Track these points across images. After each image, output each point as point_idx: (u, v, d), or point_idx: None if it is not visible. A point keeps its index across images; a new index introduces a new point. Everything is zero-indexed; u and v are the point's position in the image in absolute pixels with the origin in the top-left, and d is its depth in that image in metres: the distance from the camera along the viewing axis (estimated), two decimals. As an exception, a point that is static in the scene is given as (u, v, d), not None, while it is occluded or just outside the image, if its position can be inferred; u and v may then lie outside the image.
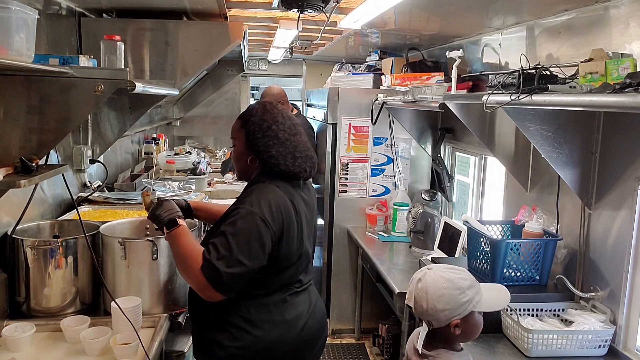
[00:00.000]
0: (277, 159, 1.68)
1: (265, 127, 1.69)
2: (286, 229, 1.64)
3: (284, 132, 1.70)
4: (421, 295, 1.44)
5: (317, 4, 2.53)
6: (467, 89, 2.88)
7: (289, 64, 6.20)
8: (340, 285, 3.82)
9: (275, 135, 1.69)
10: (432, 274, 1.46)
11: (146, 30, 2.84)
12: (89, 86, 1.54)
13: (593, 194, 2.03)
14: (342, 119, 3.65)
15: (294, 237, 1.67)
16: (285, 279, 1.71)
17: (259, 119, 1.70)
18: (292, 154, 1.70)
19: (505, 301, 1.52)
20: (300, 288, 1.77)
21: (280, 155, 1.68)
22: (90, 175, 2.93)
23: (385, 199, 3.70)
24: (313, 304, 1.80)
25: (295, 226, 1.68)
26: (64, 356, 1.67)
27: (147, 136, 4.74)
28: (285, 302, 1.70)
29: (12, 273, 1.86)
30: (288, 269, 1.70)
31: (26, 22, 1.30)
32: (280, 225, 1.62)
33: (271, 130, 1.69)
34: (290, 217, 1.66)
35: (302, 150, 1.74)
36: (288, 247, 1.66)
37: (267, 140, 1.68)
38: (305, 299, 1.78)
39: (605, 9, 1.96)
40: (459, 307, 1.41)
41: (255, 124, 1.70)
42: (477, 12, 2.49)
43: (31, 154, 1.50)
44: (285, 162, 1.69)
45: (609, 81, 1.53)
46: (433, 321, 1.44)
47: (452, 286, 1.42)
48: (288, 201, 1.67)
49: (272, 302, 1.68)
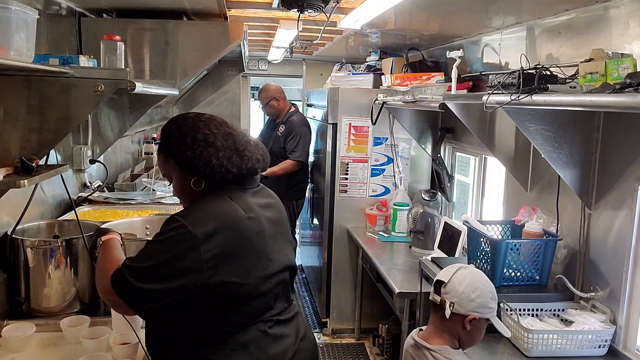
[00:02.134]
0: (222, 165, 1.43)
1: (190, 141, 1.43)
2: (235, 247, 1.37)
3: (211, 134, 1.45)
4: (460, 279, 1.55)
5: (317, 4, 2.53)
6: (467, 89, 2.88)
7: (289, 64, 6.20)
8: (340, 285, 3.81)
9: (205, 142, 1.43)
10: (476, 270, 1.63)
11: (146, 30, 2.84)
12: (89, 86, 1.54)
13: (593, 194, 2.03)
14: (342, 119, 3.65)
15: (252, 255, 1.41)
16: (257, 308, 1.43)
17: (178, 137, 1.45)
18: (235, 151, 1.45)
19: (509, 334, 1.70)
20: (283, 317, 1.50)
21: (224, 158, 1.43)
22: (90, 175, 2.93)
23: (385, 199, 3.70)
24: (301, 337, 1.54)
25: (251, 244, 1.40)
26: (64, 356, 1.67)
27: (147, 136, 4.74)
28: (266, 336, 1.44)
29: (12, 273, 1.86)
30: (255, 295, 1.41)
31: (26, 22, 1.30)
32: (220, 244, 1.34)
33: (197, 140, 1.43)
34: (242, 234, 1.39)
35: (242, 142, 1.48)
36: (244, 268, 1.38)
37: (200, 151, 1.42)
38: (291, 331, 1.51)
39: (605, 9, 1.96)
40: (483, 307, 1.53)
41: (178, 143, 1.44)
42: (477, 12, 2.49)
43: (31, 154, 1.50)
44: (231, 163, 1.44)
45: (609, 81, 1.53)
46: (457, 305, 1.53)
47: (489, 288, 1.57)
48: (241, 213, 1.41)
49: (250, 339, 1.41)
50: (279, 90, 4.28)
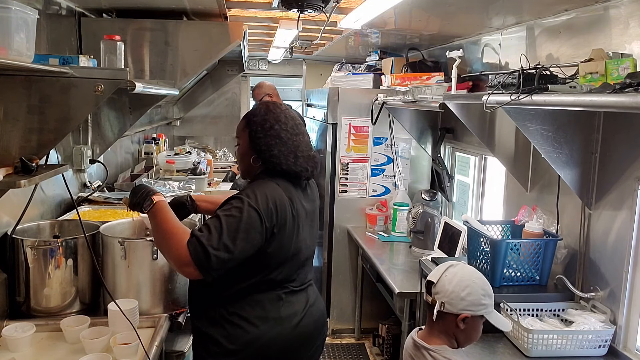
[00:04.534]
0: (279, 158, 1.69)
1: (268, 127, 1.70)
2: (281, 225, 1.64)
3: (286, 132, 1.71)
4: (450, 278, 1.54)
5: (317, 4, 2.53)
6: (467, 89, 2.88)
7: (289, 64, 6.20)
8: (340, 285, 3.82)
9: (278, 135, 1.70)
10: (467, 267, 1.60)
11: (146, 30, 2.84)
12: (89, 86, 1.54)
13: (593, 194, 2.03)
14: (342, 119, 3.65)
15: (288, 235, 1.67)
16: (279, 277, 1.70)
17: (261, 119, 1.72)
18: (294, 154, 1.71)
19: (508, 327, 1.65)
20: (297, 287, 1.77)
21: (282, 154, 1.70)
22: (90, 175, 2.93)
23: (385, 199, 3.70)
24: (310, 303, 1.80)
25: (291, 224, 1.67)
26: (64, 356, 1.67)
27: (147, 136, 4.73)
28: (280, 300, 1.71)
29: (12, 273, 1.86)
30: (281, 267, 1.69)
31: (26, 22, 1.30)
32: (274, 221, 1.62)
33: (273, 130, 1.70)
34: (286, 215, 1.65)
35: (303, 150, 1.75)
36: (281, 244, 1.66)
37: (269, 139, 1.70)
38: (301, 298, 1.78)
39: (605, 9, 1.96)
40: (475, 305, 1.51)
41: (258, 123, 1.72)
42: (477, 12, 2.49)
43: (31, 154, 1.50)
44: (287, 161, 1.70)
45: (609, 81, 1.53)
46: (448, 304, 1.51)
47: (480, 284, 1.53)
48: (286, 198, 1.67)
49: (266, 299, 1.69)
50: (272, 88, 4.29)
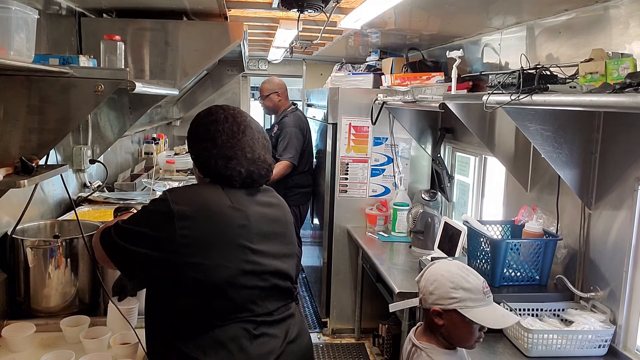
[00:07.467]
0: (208, 162, 1.49)
1: (202, 131, 1.53)
2: (209, 232, 1.39)
3: (220, 133, 1.50)
4: (425, 275, 1.58)
5: (317, 4, 2.53)
6: (467, 89, 2.88)
7: (289, 64, 6.20)
8: (340, 285, 3.81)
9: (211, 138, 1.50)
10: (442, 262, 1.61)
11: (146, 30, 2.84)
12: (89, 86, 1.54)
13: (593, 194, 2.03)
14: (342, 119, 3.65)
15: (227, 245, 1.41)
16: (237, 303, 1.41)
17: (197, 124, 1.56)
18: (227, 157, 1.48)
19: (503, 324, 1.55)
20: (271, 317, 1.46)
21: (213, 158, 1.48)
22: (90, 175, 2.93)
23: (385, 199, 3.70)
24: (291, 338, 1.49)
25: (230, 233, 1.42)
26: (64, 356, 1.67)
27: (147, 136, 4.74)
28: (248, 335, 1.40)
29: (12, 273, 1.86)
30: (235, 289, 1.40)
31: (26, 22, 1.30)
32: (196, 226, 1.38)
33: (208, 133, 1.51)
34: (218, 221, 1.42)
35: (247, 151, 1.50)
36: (217, 256, 1.39)
37: (201, 144, 1.52)
38: (278, 332, 1.47)
39: (605, 9, 1.96)
40: (444, 298, 1.50)
41: (193, 128, 1.57)
42: (477, 12, 2.49)
43: (31, 154, 1.50)
44: (216, 164, 1.48)
45: (609, 81, 1.53)
46: (423, 300, 1.57)
47: (449, 278, 1.51)
48: (224, 204, 1.44)
49: (229, 338, 1.38)
50: (283, 87, 4.21)
